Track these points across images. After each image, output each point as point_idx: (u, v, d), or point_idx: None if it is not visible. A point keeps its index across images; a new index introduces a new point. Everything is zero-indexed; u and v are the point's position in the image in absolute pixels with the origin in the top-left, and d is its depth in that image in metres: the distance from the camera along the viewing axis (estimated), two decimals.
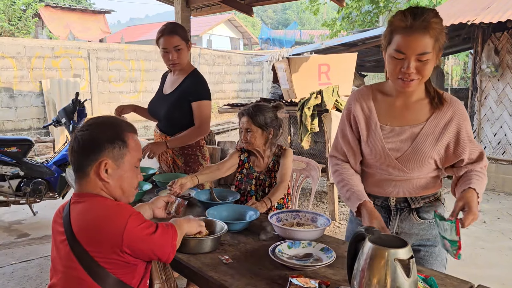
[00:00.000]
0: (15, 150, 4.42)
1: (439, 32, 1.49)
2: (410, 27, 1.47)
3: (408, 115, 1.65)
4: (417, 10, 1.49)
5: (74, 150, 1.45)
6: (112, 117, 1.55)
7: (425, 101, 1.65)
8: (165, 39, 2.77)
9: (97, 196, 1.45)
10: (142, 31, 25.88)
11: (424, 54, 1.48)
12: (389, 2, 12.50)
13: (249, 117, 2.41)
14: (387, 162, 1.67)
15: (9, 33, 13.56)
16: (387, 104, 1.69)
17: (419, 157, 1.62)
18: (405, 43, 1.48)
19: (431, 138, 1.62)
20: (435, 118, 1.63)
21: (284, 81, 5.88)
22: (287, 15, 44.93)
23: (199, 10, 5.45)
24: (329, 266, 1.57)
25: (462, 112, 1.64)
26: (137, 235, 1.37)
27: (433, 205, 1.73)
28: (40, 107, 9.71)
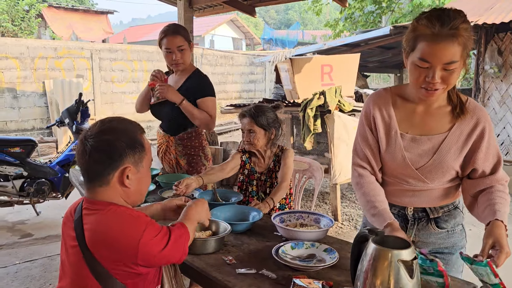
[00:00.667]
0: (19, 151, 4.44)
1: (468, 38, 1.38)
2: (437, 34, 1.36)
3: (429, 123, 1.57)
4: (445, 15, 1.37)
5: (88, 157, 1.38)
6: (121, 120, 1.47)
7: (447, 109, 1.56)
8: (168, 39, 2.79)
9: (111, 205, 1.39)
10: (145, 31, 25.92)
11: (451, 63, 1.38)
12: (392, 3, 12.50)
13: (251, 118, 2.41)
14: (407, 172, 1.59)
15: (12, 33, 13.60)
16: (408, 111, 1.60)
17: (441, 168, 1.56)
18: (431, 51, 1.37)
19: (454, 148, 1.54)
20: (458, 128, 1.54)
21: (287, 81, 5.88)
22: (290, 16, 44.92)
23: (202, 11, 5.46)
24: (333, 267, 1.57)
25: (486, 120, 1.54)
26: (151, 249, 1.34)
27: (451, 214, 1.68)
28: (43, 108, 9.74)
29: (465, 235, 1.73)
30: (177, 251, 1.42)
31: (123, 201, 1.44)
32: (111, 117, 1.50)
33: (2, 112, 9.21)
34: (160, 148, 3.04)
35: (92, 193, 1.42)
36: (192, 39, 3.02)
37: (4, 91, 9.17)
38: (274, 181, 2.49)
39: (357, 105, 4.95)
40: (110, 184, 1.39)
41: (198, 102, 2.82)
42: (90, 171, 1.40)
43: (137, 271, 1.36)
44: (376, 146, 1.65)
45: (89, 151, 1.37)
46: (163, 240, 1.38)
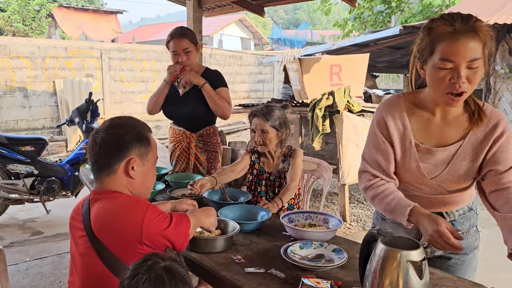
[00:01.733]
0: (30, 149, 4.49)
1: (487, 35, 1.35)
2: (457, 31, 1.33)
3: (445, 133, 1.52)
4: (459, 15, 1.35)
5: (98, 149, 1.48)
6: (130, 117, 1.59)
7: (464, 117, 1.51)
8: (174, 42, 2.87)
9: (115, 192, 1.48)
10: (153, 31, 26.05)
11: (474, 60, 1.33)
12: (402, 2, 12.42)
13: (264, 118, 2.39)
14: (422, 181, 1.57)
15: (23, 33, 13.74)
16: (424, 121, 1.54)
17: (456, 178, 1.53)
18: (453, 49, 1.33)
19: (469, 157, 1.50)
20: (473, 134, 1.49)
21: (296, 81, 5.88)
22: (298, 15, 44.84)
23: (211, 11, 5.47)
24: (341, 267, 1.58)
25: (505, 123, 1.48)
26: (155, 227, 1.42)
27: (467, 216, 1.66)
28: (53, 107, 9.83)
29: (479, 235, 1.72)
30: (179, 234, 1.49)
31: (128, 192, 1.52)
32: (121, 115, 1.60)
33: (13, 111, 9.32)
34: (178, 146, 3.06)
35: (99, 183, 1.51)
36: (201, 39, 3.07)
37: (15, 90, 9.27)
38: (283, 181, 2.49)
39: (366, 106, 4.93)
40: (117, 174, 1.49)
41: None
42: (99, 162, 1.50)
43: (144, 251, 1.40)
44: (390, 153, 1.58)
45: (99, 143, 1.48)
46: (165, 221, 1.46)
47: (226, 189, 2.41)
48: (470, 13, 1.38)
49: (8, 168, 4.43)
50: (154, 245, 1.44)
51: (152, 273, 1.17)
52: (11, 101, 9.27)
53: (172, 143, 3.11)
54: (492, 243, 4.29)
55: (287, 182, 2.42)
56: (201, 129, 3.01)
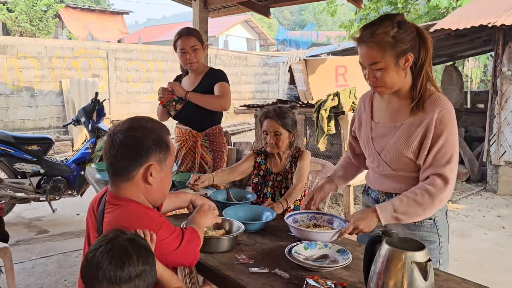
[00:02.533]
0: (36, 148, 4.53)
1: (387, 42, 1.55)
2: (360, 39, 1.61)
3: (393, 114, 1.74)
4: (370, 23, 1.60)
5: (116, 151, 1.41)
6: (150, 119, 1.51)
7: (408, 102, 1.70)
8: (182, 40, 2.92)
9: (132, 202, 1.44)
10: (159, 31, 26.12)
11: (374, 63, 1.59)
12: (408, 4, 12.38)
13: (278, 120, 2.39)
14: (372, 155, 1.81)
15: (30, 33, 13.83)
16: (381, 103, 1.81)
17: (395, 154, 1.71)
18: (359, 54, 1.63)
19: (405, 136, 1.68)
20: (413, 118, 1.67)
21: (301, 82, 5.89)
22: (304, 16, 44.80)
23: (217, 11, 5.48)
24: (345, 268, 1.58)
25: (442, 115, 1.61)
26: (165, 248, 1.40)
27: None
28: (60, 106, 9.89)
29: (437, 231, 1.74)
30: (189, 253, 1.47)
31: (143, 198, 1.47)
32: (140, 116, 1.53)
33: (20, 111, 9.39)
34: (184, 145, 3.08)
35: (115, 188, 1.45)
36: (207, 40, 3.10)
37: (22, 90, 9.34)
38: (289, 182, 2.49)
39: None
40: (134, 180, 1.43)
41: (214, 86, 2.97)
42: (116, 166, 1.43)
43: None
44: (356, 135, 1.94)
45: (118, 145, 1.40)
46: (176, 240, 1.43)
47: (231, 189, 2.41)
48: (393, 17, 1.59)
49: (15, 167, 4.47)
50: (163, 263, 1.41)
51: (116, 244, 1.17)
52: (18, 101, 9.33)
53: (178, 143, 3.13)
54: (496, 246, 4.28)
55: (294, 183, 2.41)
56: (207, 129, 3.04)
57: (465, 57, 11.52)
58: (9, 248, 2.75)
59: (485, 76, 15.46)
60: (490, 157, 6.35)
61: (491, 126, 6.32)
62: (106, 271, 1.14)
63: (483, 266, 3.77)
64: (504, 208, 5.53)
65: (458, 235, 4.53)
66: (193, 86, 3.02)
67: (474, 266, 3.74)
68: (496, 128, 6.28)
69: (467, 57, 12.04)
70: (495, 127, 6.29)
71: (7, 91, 9.16)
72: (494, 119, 6.29)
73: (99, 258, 1.15)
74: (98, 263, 1.15)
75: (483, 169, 6.68)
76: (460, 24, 5.81)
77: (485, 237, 4.50)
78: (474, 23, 5.71)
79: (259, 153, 2.58)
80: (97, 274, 1.14)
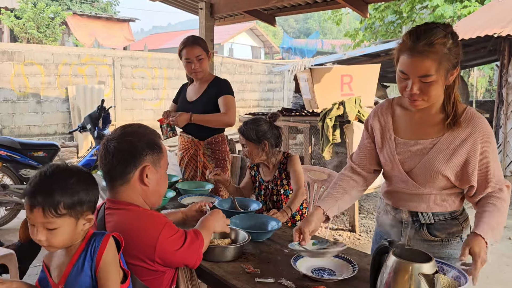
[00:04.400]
0: (42, 155, 4.55)
1: (443, 54, 1.44)
2: (412, 48, 1.45)
3: (423, 129, 1.63)
4: (424, 30, 1.46)
5: (111, 157, 1.46)
6: (140, 125, 1.59)
7: (439, 117, 1.61)
8: (187, 50, 2.93)
9: (132, 205, 1.48)
10: (165, 39, 26.29)
11: (426, 76, 1.45)
12: (413, 13, 12.41)
13: (241, 133, 2.51)
14: (398, 174, 1.67)
15: (37, 40, 13.95)
16: (405, 118, 1.69)
17: (429, 172, 1.59)
18: (407, 64, 1.47)
19: (444, 154, 1.57)
20: (451, 134, 1.57)
21: (306, 91, 5.89)
22: (309, 25, 44.98)
23: (223, 20, 5.52)
24: (352, 279, 1.57)
25: (481, 132, 1.55)
26: (168, 247, 1.43)
27: (447, 223, 1.67)
28: (66, 113, 9.95)
29: None
30: (192, 254, 1.50)
31: (142, 201, 1.52)
32: (131, 123, 1.59)
33: (26, 117, 9.44)
34: (186, 153, 3.09)
35: (114, 193, 1.50)
36: (212, 48, 3.12)
37: (28, 96, 9.40)
38: (279, 188, 2.52)
39: None
40: (131, 183, 1.48)
41: (219, 99, 2.96)
42: (112, 171, 1.48)
43: (155, 268, 1.43)
44: (371, 149, 1.79)
45: (112, 152, 1.46)
46: (180, 240, 1.46)
47: (236, 198, 2.41)
48: (443, 27, 1.47)
49: (21, 173, 4.48)
50: (166, 263, 1.45)
51: (61, 166, 1.28)
52: (25, 107, 9.39)
53: (181, 151, 3.15)
54: (502, 257, 4.24)
55: (293, 189, 2.43)
56: (209, 137, 3.03)
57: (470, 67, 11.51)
58: (14, 254, 2.75)
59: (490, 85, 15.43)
60: None
61: (497, 136, 6.29)
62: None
63: (489, 278, 3.74)
64: (510, 219, 5.48)
65: None
66: (197, 95, 3.03)
67: (480, 277, 3.69)
68: (502, 138, 6.26)
69: (473, 67, 12.03)
70: (501, 137, 6.27)
71: (14, 97, 9.22)
72: (500, 129, 6.27)
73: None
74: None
75: None
76: (465, 34, 5.82)
77: (491, 248, 4.45)
78: (480, 33, 5.71)
79: (252, 167, 2.69)
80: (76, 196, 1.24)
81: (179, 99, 3.19)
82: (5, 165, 4.46)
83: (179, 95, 3.21)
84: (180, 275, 1.57)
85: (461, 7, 10.48)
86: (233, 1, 4.73)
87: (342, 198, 1.78)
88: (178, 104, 3.16)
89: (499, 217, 1.55)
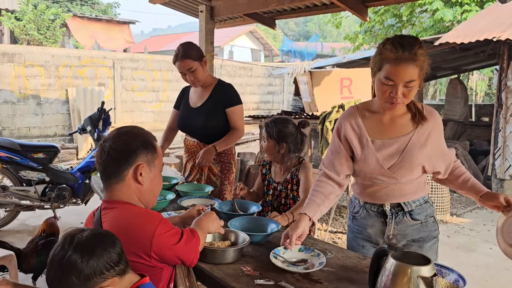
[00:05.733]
0: (42, 156, 4.55)
1: (423, 61, 1.65)
2: (399, 58, 1.62)
3: (395, 129, 1.82)
4: (405, 41, 1.64)
5: (106, 156, 1.51)
6: (135, 126, 1.62)
7: (408, 115, 1.83)
8: (178, 64, 2.90)
9: (127, 204, 1.51)
10: (165, 41, 26.32)
11: (411, 81, 1.65)
12: (413, 17, 12.44)
13: (265, 128, 2.53)
14: (380, 172, 1.82)
15: (37, 42, 13.97)
16: (375, 121, 1.86)
17: (409, 164, 1.79)
18: (394, 72, 1.64)
19: (418, 145, 1.79)
20: (421, 128, 1.80)
21: (306, 94, 5.91)
22: (309, 28, 45.03)
23: (223, 23, 5.54)
24: (352, 281, 1.57)
25: (439, 123, 1.85)
26: (164, 242, 1.45)
27: (423, 207, 1.90)
28: (66, 115, 9.96)
29: (438, 227, 1.97)
30: (189, 251, 1.52)
31: (137, 199, 1.55)
32: (127, 125, 1.64)
33: (26, 118, 9.45)
34: (192, 157, 3.08)
35: (109, 192, 1.54)
36: (212, 50, 3.10)
37: (28, 98, 9.41)
38: (289, 192, 2.51)
39: None
40: (125, 180, 1.52)
41: (227, 111, 2.96)
42: (108, 169, 1.52)
43: (152, 264, 1.45)
44: (345, 156, 1.90)
45: (108, 151, 1.50)
46: (176, 236, 1.49)
47: (236, 200, 2.42)
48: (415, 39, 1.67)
49: (20, 175, 4.49)
50: (162, 259, 1.46)
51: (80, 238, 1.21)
52: (25, 109, 9.40)
53: (186, 154, 3.14)
54: (501, 261, 4.24)
55: (301, 197, 2.43)
56: (215, 141, 2.98)
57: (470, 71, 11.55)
58: (14, 256, 2.76)
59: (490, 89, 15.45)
60: (495, 171, 6.33)
61: (496, 139, 6.31)
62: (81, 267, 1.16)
63: (488, 281, 3.75)
64: None
65: (463, 249, 4.50)
66: (202, 100, 2.99)
67: (479, 281, 3.71)
68: (501, 142, 6.27)
69: (472, 71, 12.06)
70: (500, 140, 6.28)
71: (14, 98, 9.24)
72: (499, 133, 6.28)
73: (70, 257, 1.17)
74: (87, 261, 1.17)
75: (488, 183, 6.66)
76: (465, 38, 5.83)
77: (490, 251, 4.47)
78: (479, 37, 5.73)
79: (264, 164, 2.68)
80: (94, 269, 1.18)
81: (181, 104, 3.15)
82: (5, 166, 4.47)
83: (181, 100, 3.16)
84: (178, 272, 1.59)
85: (461, 11, 10.51)
86: (233, 4, 4.75)
87: (323, 203, 1.90)
88: (181, 111, 3.12)
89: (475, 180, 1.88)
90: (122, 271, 1.25)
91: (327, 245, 1.98)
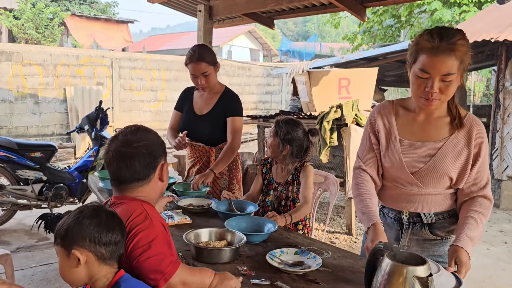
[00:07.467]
0: (39, 155, 4.54)
1: (464, 53, 1.51)
2: (436, 48, 1.49)
3: (428, 131, 1.67)
4: (444, 31, 1.51)
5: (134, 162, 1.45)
6: (143, 126, 1.58)
7: (446, 119, 1.67)
8: (192, 66, 2.82)
9: (136, 200, 1.46)
10: (164, 40, 26.28)
11: (448, 75, 1.50)
12: (411, 17, 12.45)
13: (274, 125, 2.52)
14: (403, 176, 1.69)
15: (36, 40, 13.95)
16: (409, 120, 1.72)
17: (435, 174, 1.64)
18: (430, 63, 1.50)
19: (450, 156, 1.63)
20: (456, 137, 1.64)
21: (304, 94, 5.90)
22: (307, 28, 45.02)
23: (221, 22, 5.53)
24: (347, 282, 1.57)
25: (483, 136, 1.65)
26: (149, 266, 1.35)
27: (446, 222, 1.73)
28: (63, 114, 9.94)
29: None
30: (160, 265, 1.36)
31: (153, 197, 1.54)
32: (133, 125, 1.56)
33: (24, 117, 9.43)
34: (198, 161, 3.01)
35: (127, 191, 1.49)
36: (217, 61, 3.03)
37: (26, 97, 9.39)
38: (290, 194, 2.51)
39: None
40: (151, 182, 1.50)
41: (228, 119, 2.89)
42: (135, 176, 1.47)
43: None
44: (378, 152, 1.77)
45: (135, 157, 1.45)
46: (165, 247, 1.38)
47: (233, 200, 2.42)
48: (457, 30, 1.53)
49: (17, 174, 4.48)
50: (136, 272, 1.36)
51: (102, 211, 1.32)
52: (22, 107, 9.38)
53: (191, 159, 3.05)
54: (498, 261, 4.25)
55: (300, 201, 2.43)
56: (220, 143, 2.94)
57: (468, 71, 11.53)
58: (10, 255, 2.75)
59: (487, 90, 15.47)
60: (492, 172, 6.33)
61: (494, 140, 6.32)
62: (92, 231, 1.27)
63: (485, 282, 3.75)
64: (506, 223, 5.51)
65: None
66: (208, 108, 2.94)
67: (476, 282, 3.71)
68: (499, 143, 6.28)
69: (470, 71, 12.06)
70: (497, 141, 6.29)
71: (12, 97, 9.21)
72: (497, 134, 6.29)
73: (87, 220, 1.28)
74: (84, 223, 1.27)
75: None
76: None
77: (487, 252, 4.47)
78: (477, 38, 5.74)
79: (265, 163, 2.67)
80: (81, 232, 1.27)
81: (184, 107, 3.06)
82: (2, 165, 4.46)
83: (184, 102, 3.07)
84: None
85: (459, 12, 10.52)
86: (232, 3, 4.74)
87: (376, 203, 1.75)
88: (185, 116, 3.03)
89: (477, 232, 1.60)
90: (101, 255, 1.28)
91: (324, 245, 1.98)
